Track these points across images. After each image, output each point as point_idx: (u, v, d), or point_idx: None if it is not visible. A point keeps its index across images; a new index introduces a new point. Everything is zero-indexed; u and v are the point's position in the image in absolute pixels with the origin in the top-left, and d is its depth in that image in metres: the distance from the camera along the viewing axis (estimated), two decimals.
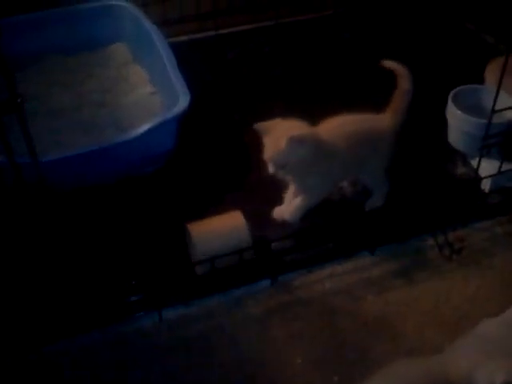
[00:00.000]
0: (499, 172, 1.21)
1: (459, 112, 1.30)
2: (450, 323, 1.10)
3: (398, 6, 1.78)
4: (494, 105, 1.11)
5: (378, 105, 1.24)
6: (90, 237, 1.19)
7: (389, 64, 1.25)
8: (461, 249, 1.20)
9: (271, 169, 1.13)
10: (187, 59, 1.49)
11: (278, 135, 1.11)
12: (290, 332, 1.08)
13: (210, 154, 1.38)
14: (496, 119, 1.16)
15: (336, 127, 1.19)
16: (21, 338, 1.06)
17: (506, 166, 1.21)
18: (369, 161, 1.21)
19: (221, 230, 1.14)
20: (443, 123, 1.37)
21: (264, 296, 1.13)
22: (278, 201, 1.25)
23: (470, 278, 1.17)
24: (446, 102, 1.34)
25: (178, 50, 1.41)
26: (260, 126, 1.14)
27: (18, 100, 0.84)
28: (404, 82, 1.22)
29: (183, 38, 1.69)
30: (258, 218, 1.22)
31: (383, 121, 1.22)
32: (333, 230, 1.22)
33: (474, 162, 1.26)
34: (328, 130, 1.18)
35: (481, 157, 1.18)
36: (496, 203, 1.27)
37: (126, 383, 1.02)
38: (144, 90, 1.48)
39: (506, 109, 1.16)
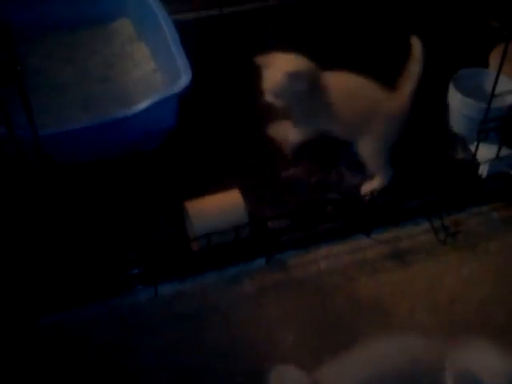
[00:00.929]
0: (497, 157, 1.21)
1: (459, 95, 1.30)
2: (442, 306, 1.10)
3: None
4: (494, 88, 1.10)
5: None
6: (89, 211, 1.20)
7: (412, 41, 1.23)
8: (456, 233, 1.20)
9: (269, 98, 1.22)
10: (191, 37, 1.49)
11: (277, 68, 1.20)
12: (284, 310, 1.09)
13: (211, 132, 1.38)
14: (496, 103, 1.16)
15: (341, 79, 1.25)
16: (17, 309, 1.07)
17: (504, 152, 1.22)
18: (362, 129, 1.23)
19: (218, 208, 1.15)
20: (445, 106, 1.37)
21: (259, 274, 1.14)
22: (277, 179, 1.27)
23: (465, 262, 1.17)
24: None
25: (181, 27, 1.41)
26: (260, 58, 1.23)
27: (18, 68, 0.84)
28: (415, 66, 1.22)
29: (187, 15, 1.69)
30: (256, 196, 1.23)
31: (390, 99, 1.23)
32: (330, 210, 1.23)
33: (474, 147, 1.26)
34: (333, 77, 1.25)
35: (479, 141, 1.18)
36: (493, 188, 1.27)
37: (119, 358, 1.04)
38: (147, 67, 1.49)
39: (505, 93, 1.16)
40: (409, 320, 1.08)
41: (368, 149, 1.24)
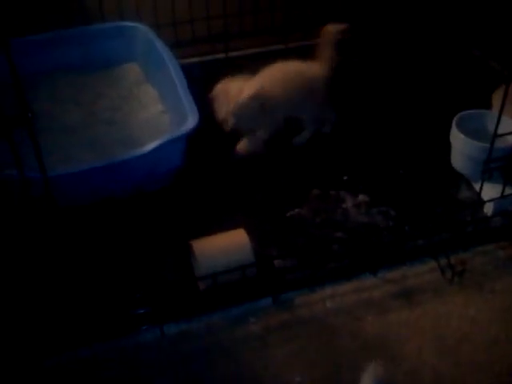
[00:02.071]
0: (502, 196, 1.22)
1: (462, 136, 1.32)
2: (449, 346, 1.10)
3: (405, 32, 1.81)
4: (496, 129, 1.12)
5: None
6: (94, 251, 1.21)
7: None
8: (462, 271, 1.20)
9: (228, 126, 1.37)
10: (198, 80, 1.52)
11: (229, 97, 1.36)
12: (290, 350, 1.09)
13: (217, 172, 1.40)
14: (499, 144, 1.17)
15: (275, 77, 1.42)
16: (21, 350, 1.07)
17: (508, 190, 1.22)
18: (305, 103, 1.44)
19: (224, 247, 1.15)
20: (448, 147, 1.39)
21: (265, 314, 1.14)
22: (283, 218, 1.28)
23: (471, 301, 1.17)
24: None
25: (188, 71, 1.44)
26: (214, 91, 1.39)
27: (29, 115, 0.86)
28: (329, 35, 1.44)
29: (194, 59, 1.73)
30: (262, 235, 1.23)
31: (316, 67, 1.45)
32: (336, 250, 1.23)
33: (477, 186, 1.27)
34: (268, 80, 1.40)
35: (483, 180, 1.19)
36: (498, 227, 1.27)
37: None
38: (154, 109, 1.51)
39: (508, 133, 1.18)
40: (417, 361, 1.07)
41: (310, 112, 1.46)
